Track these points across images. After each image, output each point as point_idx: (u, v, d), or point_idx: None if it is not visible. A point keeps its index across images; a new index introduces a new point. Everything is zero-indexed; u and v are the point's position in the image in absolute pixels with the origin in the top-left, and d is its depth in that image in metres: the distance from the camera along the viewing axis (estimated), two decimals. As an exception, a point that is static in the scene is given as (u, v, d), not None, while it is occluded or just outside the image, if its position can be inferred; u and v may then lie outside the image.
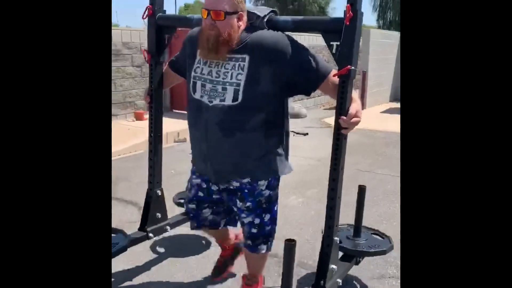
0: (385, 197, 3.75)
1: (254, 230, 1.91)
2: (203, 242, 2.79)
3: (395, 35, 10.46)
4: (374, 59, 9.16)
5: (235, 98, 1.71)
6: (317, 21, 1.85)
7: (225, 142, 1.77)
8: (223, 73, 1.73)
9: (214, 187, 1.94)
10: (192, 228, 2.10)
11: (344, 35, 1.61)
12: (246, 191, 1.85)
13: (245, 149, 1.78)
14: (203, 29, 1.72)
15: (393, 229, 2.88)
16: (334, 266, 1.88)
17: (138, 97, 6.70)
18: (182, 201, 2.71)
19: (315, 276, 1.88)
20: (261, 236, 1.92)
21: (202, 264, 2.52)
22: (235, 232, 2.30)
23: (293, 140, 2.30)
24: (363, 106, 8.46)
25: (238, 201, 1.89)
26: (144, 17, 2.14)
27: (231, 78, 1.71)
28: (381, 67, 9.61)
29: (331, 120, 5.30)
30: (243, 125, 1.74)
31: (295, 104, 7.88)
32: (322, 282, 1.84)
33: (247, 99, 1.70)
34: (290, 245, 1.43)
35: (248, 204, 1.86)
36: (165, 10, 2.19)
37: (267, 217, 1.90)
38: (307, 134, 6.06)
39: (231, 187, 1.89)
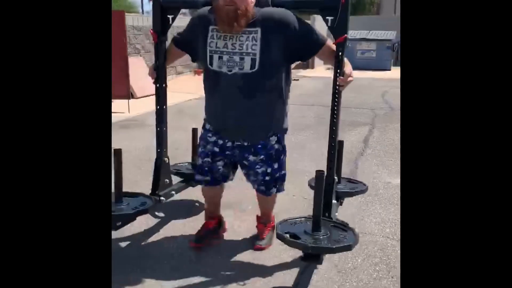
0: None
1: (267, 178, 2.28)
2: (197, 204, 3.08)
3: None
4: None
5: (252, 66, 2.05)
6: (315, 0, 2.25)
7: (244, 104, 2.11)
8: (238, 44, 2.05)
9: (229, 143, 2.24)
10: (205, 184, 2.35)
11: (341, 11, 2.02)
12: (259, 146, 2.21)
13: (262, 109, 2.14)
14: (221, 6, 1.99)
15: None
16: (335, 201, 2.31)
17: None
18: (178, 170, 2.99)
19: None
20: (272, 181, 2.30)
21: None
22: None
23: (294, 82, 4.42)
24: (312, 67, 11.70)
25: (251, 155, 2.23)
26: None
27: (247, 49, 2.04)
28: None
29: (305, 73, 11.47)
30: (260, 89, 2.09)
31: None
32: (327, 214, 2.26)
33: (263, 66, 2.05)
34: (320, 174, 1.83)
35: (262, 157, 2.22)
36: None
37: (276, 165, 2.27)
38: (298, 80, 9.62)
39: (246, 144, 2.23)
